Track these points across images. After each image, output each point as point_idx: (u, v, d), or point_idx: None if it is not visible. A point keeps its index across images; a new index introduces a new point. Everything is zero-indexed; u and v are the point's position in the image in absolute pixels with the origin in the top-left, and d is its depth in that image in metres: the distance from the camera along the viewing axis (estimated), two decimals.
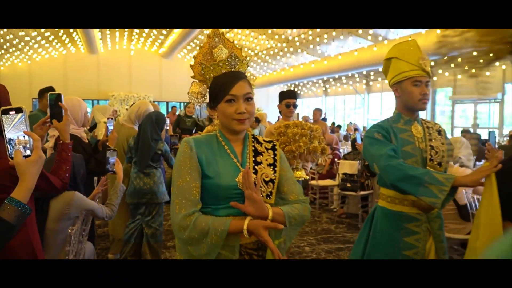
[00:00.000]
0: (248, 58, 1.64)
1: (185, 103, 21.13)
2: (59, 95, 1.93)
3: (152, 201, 3.75)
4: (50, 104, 1.92)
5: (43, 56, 18.15)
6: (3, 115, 1.34)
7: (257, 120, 10.32)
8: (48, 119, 1.94)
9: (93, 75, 19.23)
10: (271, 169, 1.58)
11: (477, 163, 6.72)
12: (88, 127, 5.48)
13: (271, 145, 1.65)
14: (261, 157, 1.58)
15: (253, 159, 1.56)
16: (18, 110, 1.35)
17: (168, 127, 4.77)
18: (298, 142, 3.10)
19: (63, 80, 17.91)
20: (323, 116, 17.70)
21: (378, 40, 12.61)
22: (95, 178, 3.97)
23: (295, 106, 3.54)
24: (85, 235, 2.52)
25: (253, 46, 16.73)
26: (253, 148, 1.59)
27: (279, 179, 1.59)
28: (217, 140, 1.56)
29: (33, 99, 17.07)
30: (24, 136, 1.35)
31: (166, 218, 5.79)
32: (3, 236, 1.24)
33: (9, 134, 1.35)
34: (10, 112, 1.35)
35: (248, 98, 1.49)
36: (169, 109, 20.47)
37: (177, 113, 11.72)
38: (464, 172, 3.87)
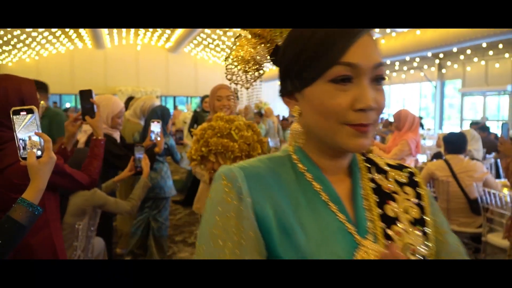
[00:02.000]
0: None
1: (201, 97, 21.20)
2: (89, 91, 1.92)
3: (159, 195, 3.74)
4: (82, 101, 1.91)
5: (50, 52, 18.22)
6: (14, 116, 1.33)
7: (260, 114, 10.18)
8: (80, 116, 1.93)
9: (100, 71, 19.28)
10: (419, 233, 0.74)
11: (487, 155, 6.65)
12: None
13: (405, 174, 0.81)
14: (393, 204, 0.75)
15: (380, 210, 0.74)
16: (29, 111, 1.34)
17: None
18: None
19: (70, 75, 17.98)
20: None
21: (386, 32, 12.49)
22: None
23: None
24: (93, 230, 2.52)
25: None
26: (373, 185, 0.77)
27: (437, 252, 0.76)
28: (294, 170, 0.75)
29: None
30: (34, 137, 1.34)
31: (174, 212, 5.81)
32: (14, 236, 1.25)
33: (19, 134, 1.34)
34: (21, 113, 1.34)
35: (379, 78, 0.70)
36: (176, 104, 20.52)
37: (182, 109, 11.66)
38: (475, 165, 3.83)
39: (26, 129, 1.34)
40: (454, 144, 3.94)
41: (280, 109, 18.41)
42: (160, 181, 3.72)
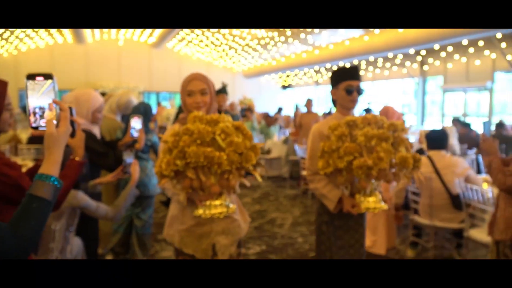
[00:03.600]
0: None
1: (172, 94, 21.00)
2: (69, 109, 1.78)
3: (143, 193, 3.68)
4: None
5: (29, 47, 17.83)
6: (28, 81, 1.22)
7: (250, 110, 10.19)
8: None
9: (81, 66, 18.96)
10: None
11: (468, 151, 6.74)
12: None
13: None
14: None
15: None
16: (47, 76, 1.24)
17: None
18: (377, 152, 1.98)
19: (50, 71, 17.62)
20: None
21: (369, 30, 12.55)
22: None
23: (360, 91, 2.38)
24: (71, 231, 2.45)
25: (244, 36, 16.58)
26: None
27: None
28: None
29: (20, 91, 16.79)
30: (51, 106, 1.24)
31: (157, 210, 5.73)
32: (44, 215, 1.16)
33: (37, 102, 1.23)
34: (37, 78, 1.24)
35: None
36: (160, 100, 20.30)
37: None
38: (457, 161, 3.86)
39: (46, 96, 1.23)
40: (436, 140, 3.98)
41: (264, 105, 18.38)
42: (144, 178, 3.66)
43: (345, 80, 2.35)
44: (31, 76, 1.23)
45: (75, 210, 2.42)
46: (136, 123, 2.85)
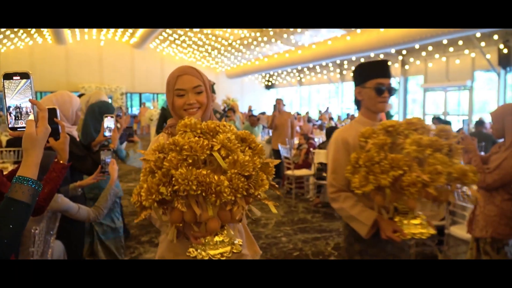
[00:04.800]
0: None
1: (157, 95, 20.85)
2: (53, 110, 1.69)
3: (99, 196, 3.47)
4: None
5: (8, 48, 17.51)
6: (5, 81, 1.19)
7: (232, 110, 10.20)
8: None
9: (61, 67, 18.69)
10: None
11: None
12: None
13: None
14: None
15: None
16: (24, 75, 1.20)
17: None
18: (431, 165, 1.59)
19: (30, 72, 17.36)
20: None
21: (351, 30, 12.67)
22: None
23: (391, 91, 1.96)
24: (52, 234, 2.41)
25: (226, 36, 16.57)
26: None
27: None
28: None
29: None
30: (29, 105, 1.20)
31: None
32: (23, 218, 1.13)
33: (12, 101, 1.19)
34: (14, 78, 1.20)
35: None
36: (142, 100, 20.17)
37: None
38: None
39: (21, 94, 1.20)
40: None
41: (247, 105, 18.37)
42: (100, 181, 3.39)
43: (375, 77, 1.94)
44: (8, 76, 1.20)
45: (55, 213, 2.38)
46: (109, 122, 2.82)
